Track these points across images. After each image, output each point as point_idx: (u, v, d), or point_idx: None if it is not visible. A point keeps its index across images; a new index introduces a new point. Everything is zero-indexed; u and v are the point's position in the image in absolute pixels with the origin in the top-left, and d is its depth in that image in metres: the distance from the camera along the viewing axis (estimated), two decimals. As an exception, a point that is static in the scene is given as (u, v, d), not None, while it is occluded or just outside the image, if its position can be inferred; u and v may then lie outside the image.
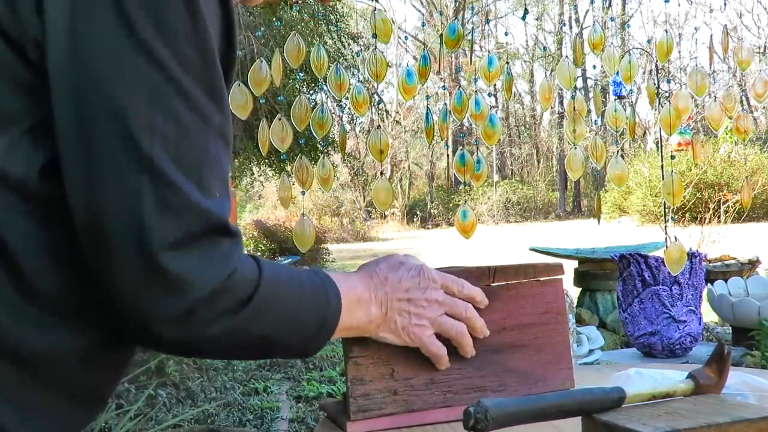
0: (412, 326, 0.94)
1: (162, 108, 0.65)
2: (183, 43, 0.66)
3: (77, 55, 0.64)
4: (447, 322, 0.96)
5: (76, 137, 0.65)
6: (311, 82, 7.46)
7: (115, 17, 0.63)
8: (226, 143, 0.71)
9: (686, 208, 11.09)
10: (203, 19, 0.67)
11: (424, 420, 1.00)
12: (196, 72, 0.67)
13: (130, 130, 0.64)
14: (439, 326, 0.96)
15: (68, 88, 0.65)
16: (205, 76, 0.68)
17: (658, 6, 34.50)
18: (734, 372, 1.03)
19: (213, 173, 0.69)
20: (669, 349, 3.72)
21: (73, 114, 0.65)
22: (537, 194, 31.80)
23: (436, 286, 0.95)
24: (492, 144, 2.85)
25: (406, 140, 31.87)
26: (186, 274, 0.67)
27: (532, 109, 36.71)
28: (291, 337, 0.81)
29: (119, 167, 0.64)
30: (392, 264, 0.95)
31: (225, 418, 3.84)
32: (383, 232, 26.00)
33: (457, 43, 2.67)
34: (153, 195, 0.64)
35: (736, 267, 5.96)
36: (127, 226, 0.65)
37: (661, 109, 2.60)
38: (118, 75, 0.64)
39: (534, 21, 34.21)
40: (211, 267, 0.69)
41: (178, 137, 0.66)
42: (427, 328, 0.95)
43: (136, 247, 0.65)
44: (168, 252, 0.65)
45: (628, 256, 3.77)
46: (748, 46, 2.77)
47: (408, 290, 0.93)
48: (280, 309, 0.78)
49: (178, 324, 0.69)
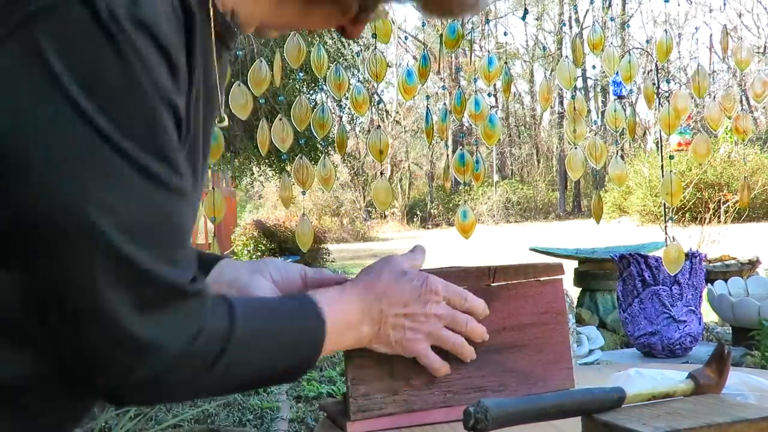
0: (406, 340, 0.93)
1: (107, 179, 0.62)
2: (123, 110, 0.62)
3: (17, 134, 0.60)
4: (444, 335, 0.95)
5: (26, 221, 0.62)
6: (311, 82, 7.46)
7: (51, 91, 0.60)
8: (186, 201, 0.69)
9: (686, 208, 11.09)
10: (143, 80, 0.62)
11: (424, 420, 1.00)
12: (140, 137, 0.63)
13: (75, 206, 0.61)
14: (436, 339, 0.95)
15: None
16: (150, 138, 0.64)
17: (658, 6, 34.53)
18: (734, 372, 1.03)
19: (172, 238, 0.68)
20: (669, 349, 3.72)
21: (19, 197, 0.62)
22: (537, 194, 31.81)
23: (438, 299, 0.94)
24: (492, 144, 2.85)
25: (406, 140, 31.88)
26: (149, 340, 0.66)
27: (532, 109, 36.72)
28: (270, 379, 0.84)
29: (71, 245, 0.62)
30: (395, 274, 0.94)
31: (225, 418, 3.84)
32: (383, 232, 26.01)
33: (457, 43, 2.68)
34: (107, 269, 0.63)
35: (736, 267, 5.96)
36: (84, 303, 0.63)
37: (661, 109, 2.60)
38: (55, 150, 0.60)
39: (534, 21, 34.21)
40: (177, 329, 0.68)
41: (128, 207, 0.63)
42: (421, 341, 0.94)
43: (96, 321, 0.64)
44: (129, 318, 0.64)
45: (628, 256, 3.77)
46: (748, 46, 2.77)
47: (407, 305, 0.92)
48: (257, 357, 0.79)
49: (144, 389, 0.69)
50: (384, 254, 0.86)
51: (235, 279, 0.99)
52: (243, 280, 0.99)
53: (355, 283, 0.94)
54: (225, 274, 0.99)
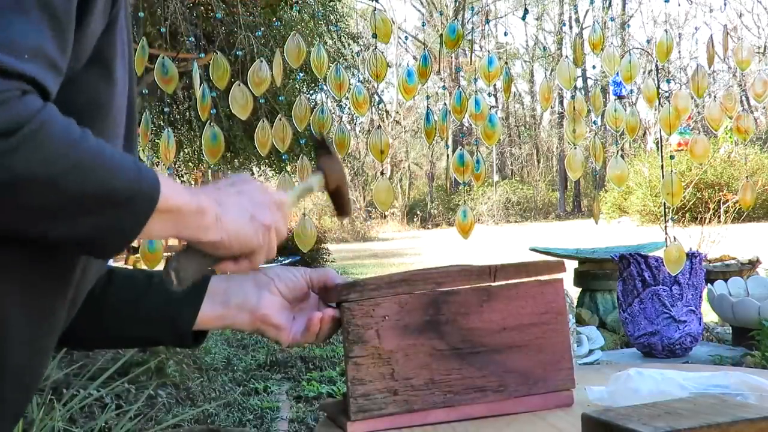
0: (249, 224, 0.86)
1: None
2: None
3: None
4: (281, 229, 0.90)
5: None
6: (311, 82, 7.45)
7: None
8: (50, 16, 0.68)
9: (686, 208, 11.09)
10: None
11: (425, 420, 1.00)
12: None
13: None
14: (277, 232, 0.90)
15: None
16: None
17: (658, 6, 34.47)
18: (734, 372, 1.03)
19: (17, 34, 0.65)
20: (669, 349, 3.72)
21: None
22: (537, 194, 31.80)
23: (281, 210, 0.91)
24: (492, 144, 2.86)
25: (406, 140, 31.87)
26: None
27: (532, 109, 36.71)
28: (85, 191, 0.69)
29: None
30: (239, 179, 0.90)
31: (225, 418, 3.84)
32: (383, 232, 25.99)
33: (457, 43, 2.68)
34: None
35: (736, 267, 5.96)
36: None
37: (661, 109, 2.60)
38: None
39: (534, 21, 34.21)
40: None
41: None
42: (262, 235, 0.87)
43: None
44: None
45: (628, 256, 3.77)
46: (748, 46, 2.77)
47: (242, 192, 0.87)
48: (74, 154, 0.68)
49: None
50: (384, 254, 0.85)
51: (244, 301, 0.99)
52: (252, 302, 0.98)
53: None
54: (231, 297, 0.98)
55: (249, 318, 0.99)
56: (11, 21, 0.66)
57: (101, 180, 0.70)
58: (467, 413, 1.01)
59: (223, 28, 4.33)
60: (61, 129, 0.67)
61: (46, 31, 0.68)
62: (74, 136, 0.69)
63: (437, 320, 1.00)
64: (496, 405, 1.02)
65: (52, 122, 0.67)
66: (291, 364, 5.06)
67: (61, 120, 0.68)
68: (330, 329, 1.02)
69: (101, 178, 0.70)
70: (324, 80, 2.64)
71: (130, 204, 0.72)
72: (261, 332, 1.02)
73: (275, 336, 1.01)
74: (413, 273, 1.02)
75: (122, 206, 0.71)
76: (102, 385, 2.97)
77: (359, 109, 2.70)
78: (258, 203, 0.87)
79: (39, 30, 0.67)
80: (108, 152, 0.71)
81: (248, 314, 0.99)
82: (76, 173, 0.68)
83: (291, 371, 4.94)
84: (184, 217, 0.79)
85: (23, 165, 0.64)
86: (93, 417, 3.01)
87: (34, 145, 0.65)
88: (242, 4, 4.91)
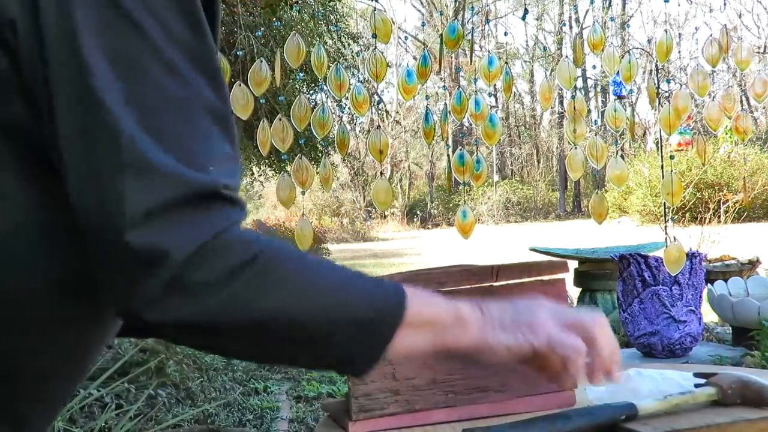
0: (525, 330, 0.75)
1: (140, 76, 0.60)
2: (169, 14, 0.62)
3: (61, 25, 0.60)
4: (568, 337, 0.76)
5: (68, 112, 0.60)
6: (311, 82, 7.45)
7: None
8: (219, 121, 0.64)
9: (686, 208, 11.08)
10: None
11: (426, 420, 1.00)
12: (181, 42, 0.62)
13: (99, 99, 0.59)
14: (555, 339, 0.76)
15: (47, 59, 0.60)
16: (192, 44, 0.63)
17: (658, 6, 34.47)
18: (732, 372, 1.03)
19: (200, 146, 0.62)
20: (669, 349, 3.72)
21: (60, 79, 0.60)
22: (537, 194, 31.78)
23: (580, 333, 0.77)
24: (492, 144, 2.86)
25: (406, 140, 31.86)
26: (159, 244, 0.58)
27: (532, 109, 36.69)
28: (322, 321, 0.64)
29: (91, 138, 0.60)
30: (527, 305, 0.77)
31: (225, 418, 3.84)
32: (383, 232, 25.97)
33: (457, 43, 2.68)
34: (125, 165, 0.58)
35: (736, 267, 5.96)
36: (95, 194, 0.59)
37: (661, 109, 2.60)
38: (97, 41, 0.60)
39: (534, 21, 34.20)
40: (190, 230, 0.59)
41: (157, 107, 0.61)
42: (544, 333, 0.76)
43: (106, 219, 0.59)
44: (136, 228, 0.58)
45: (628, 256, 3.77)
46: (748, 46, 2.78)
47: (519, 313, 0.75)
48: (300, 281, 0.64)
49: (165, 300, 0.59)
50: (384, 254, 0.84)
51: None
52: None
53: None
54: None
55: None
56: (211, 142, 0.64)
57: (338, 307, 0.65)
58: (469, 413, 1.01)
59: (223, 28, 4.33)
60: (288, 257, 0.65)
61: (225, 139, 0.65)
62: (305, 261, 0.66)
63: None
64: (498, 405, 1.02)
65: (271, 252, 0.63)
66: (291, 364, 5.06)
67: (280, 246, 0.65)
68: None
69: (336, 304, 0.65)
70: (324, 80, 2.64)
71: (372, 325, 0.66)
72: None
73: None
74: (415, 273, 1.03)
75: (365, 327, 0.66)
76: (102, 385, 2.97)
77: (359, 109, 2.70)
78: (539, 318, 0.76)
79: (222, 139, 0.64)
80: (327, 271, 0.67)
81: None
82: (310, 303, 0.64)
83: (291, 371, 4.93)
84: (435, 326, 0.71)
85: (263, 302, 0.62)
86: (93, 417, 3.01)
87: (267, 279, 0.62)
88: (242, 4, 4.91)
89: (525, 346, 0.74)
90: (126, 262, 0.59)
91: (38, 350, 0.68)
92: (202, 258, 0.59)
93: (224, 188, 0.62)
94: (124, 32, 0.60)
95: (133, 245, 0.58)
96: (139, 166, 0.58)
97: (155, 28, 0.61)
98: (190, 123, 0.62)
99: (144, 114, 0.60)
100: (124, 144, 0.58)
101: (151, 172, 0.59)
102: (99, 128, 0.59)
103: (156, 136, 0.59)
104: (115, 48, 0.60)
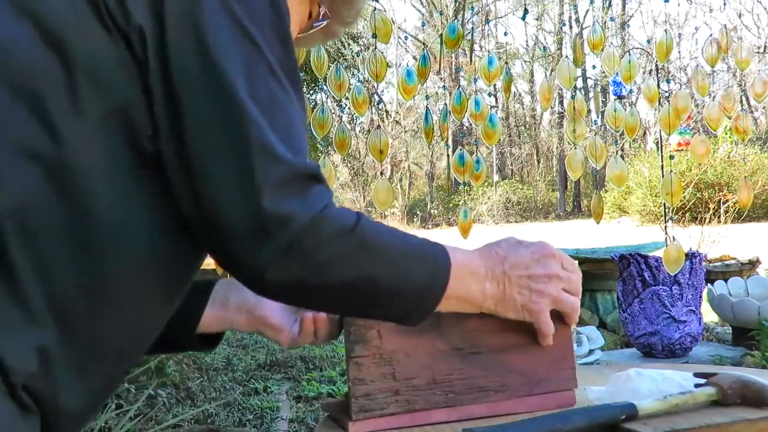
0: (533, 303, 0.95)
1: (259, 82, 0.74)
2: (270, 33, 0.76)
3: (194, 40, 0.73)
4: (564, 297, 0.97)
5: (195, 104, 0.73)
6: (311, 82, 7.45)
7: (225, 15, 0.74)
8: (302, 121, 0.79)
9: (686, 208, 11.08)
10: (284, 14, 0.78)
11: (426, 420, 1.00)
12: (279, 56, 0.77)
13: (236, 96, 0.72)
14: (556, 302, 0.97)
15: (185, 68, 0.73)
16: (285, 59, 0.78)
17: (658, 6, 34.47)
18: (733, 371, 1.03)
19: (297, 138, 0.76)
20: (669, 349, 3.72)
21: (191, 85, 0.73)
22: (537, 194, 31.78)
23: (557, 261, 0.96)
24: (492, 144, 2.86)
25: (406, 140, 31.86)
26: (285, 209, 0.72)
27: (532, 109, 36.69)
28: (398, 284, 0.81)
29: (228, 128, 0.72)
30: (511, 243, 0.97)
31: (225, 418, 3.84)
32: (383, 232, 25.93)
33: (457, 43, 2.68)
34: (257, 147, 0.72)
35: (736, 267, 5.96)
36: (232, 172, 0.72)
37: (661, 109, 2.60)
38: (230, 56, 0.73)
39: (534, 21, 34.19)
40: (306, 201, 0.74)
41: (272, 106, 0.74)
42: (546, 305, 0.96)
43: (242, 191, 0.71)
44: (268, 195, 0.71)
45: (628, 256, 3.77)
46: (748, 46, 2.78)
47: (528, 266, 0.94)
48: (385, 249, 0.80)
49: (284, 260, 0.73)
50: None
51: (243, 300, 0.99)
52: (252, 301, 0.99)
53: (476, 249, 0.96)
54: (230, 297, 0.99)
55: (247, 319, 1.00)
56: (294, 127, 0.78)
57: (405, 273, 0.83)
58: (469, 413, 1.01)
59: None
60: (376, 229, 0.81)
61: (305, 135, 0.80)
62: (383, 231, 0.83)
63: (439, 320, 1.00)
64: (498, 405, 1.02)
65: (364, 224, 0.79)
66: (291, 364, 5.06)
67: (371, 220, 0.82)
68: (331, 330, 1.03)
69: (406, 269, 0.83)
70: (324, 80, 2.64)
71: (423, 296, 0.84)
72: (260, 333, 1.03)
73: (274, 337, 1.02)
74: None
75: (416, 298, 0.84)
76: (102, 385, 2.97)
77: (359, 109, 2.70)
78: (539, 278, 0.95)
79: (305, 135, 0.80)
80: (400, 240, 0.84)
81: (246, 315, 0.99)
82: (390, 269, 0.81)
83: (291, 371, 4.94)
84: (466, 302, 0.91)
85: (360, 266, 0.78)
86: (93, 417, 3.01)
87: (363, 247, 0.78)
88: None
89: (532, 311, 0.95)
90: (257, 226, 0.72)
91: (124, 320, 0.77)
92: (315, 227, 0.74)
93: (319, 172, 0.76)
94: (248, 48, 0.75)
95: (267, 209, 0.71)
96: (265, 150, 0.72)
97: (265, 45, 0.76)
98: (291, 121, 0.76)
99: (263, 109, 0.73)
100: (254, 131, 0.72)
101: (274, 155, 0.73)
102: (233, 116, 0.72)
103: (272, 128, 0.73)
104: (241, 59, 0.74)
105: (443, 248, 0.87)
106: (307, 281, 0.75)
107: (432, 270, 0.84)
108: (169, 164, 0.74)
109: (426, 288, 0.84)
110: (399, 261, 0.81)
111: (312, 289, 0.77)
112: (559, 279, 0.96)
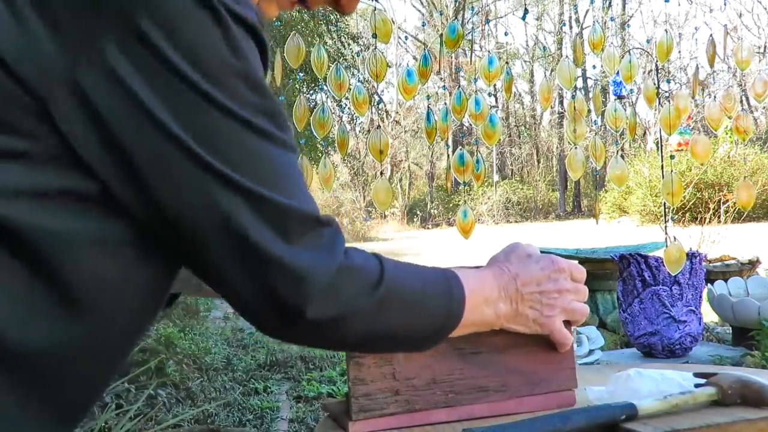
0: (544, 317, 0.98)
1: (230, 143, 0.69)
2: (238, 87, 0.70)
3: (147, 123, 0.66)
4: (576, 307, 1.00)
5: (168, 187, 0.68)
6: (311, 82, 7.46)
7: (179, 83, 0.67)
8: (294, 153, 0.76)
9: (686, 208, 11.09)
10: (249, 64, 0.71)
11: (426, 420, 1.00)
12: (253, 105, 0.71)
13: (211, 166, 0.68)
14: (567, 312, 1.00)
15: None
16: (261, 105, 0.72)
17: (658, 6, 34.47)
18: (733, 371, 1.03)
19: (289, 181, 0.73)
20: (669, 349, 3.72)
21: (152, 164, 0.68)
22: (537, 194, 31.77)
23: (566, 275, 0.99)
24: (492, 144, 2.86)
25: (406, 140, 31.87)
26: (302, 266, 0.70)
27: (532, 109, 36.69)
28: (415, 332, 0.84)
29: (209, 196, 0.68)
30: (521, 258, 0.99)
31: (225, 418, 3.84)
32: (383, 232, 25.97)
33: (457, 43, 2.68)
34: (247, 208, 0.69)
35: (736, 267, 5.96)
36: (233, 243, 0.69)
37: (661, 109, 2.60)
38: (181, 123, 0.67)
39: (534, 21, 34.20)
40: (321, 256, 0.72)
41: (252, 160, 0.70)
42: (557, 317, 0.99)
43: (247, 257, 0.69)
44: (282, 248, 0.69)
45: (628, 256, 3.77)
46: (748, 46, 2.78)
47: (540, 283, 0.97)
48: (405, 302, 0.81)
49: (308, 324, 0.72)
50: (384, 254, 0.85)
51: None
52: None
53: (488, 267, 0.98)
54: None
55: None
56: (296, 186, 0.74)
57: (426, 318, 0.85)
58: (469, 413, 1.01)
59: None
60: (397, 277, 0.81)
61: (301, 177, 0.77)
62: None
63: (438, 320, 1.00)
64: (498, 405, 1.02)
65: (388, 273, 0.79)
66: (291, 364, 5.06)
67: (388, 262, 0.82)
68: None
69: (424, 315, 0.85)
70: (324, 80, 2.64)
71: (435, 335, 0.87)
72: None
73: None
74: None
75: (429, 337, 0.87)
76: (102, 385, 2.97)
77: (359, 109, 2.70)
78: (550, 293, 0.98)
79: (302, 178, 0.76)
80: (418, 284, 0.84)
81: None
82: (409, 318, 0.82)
83: (291, 371, 4.94)
84: (479, 326, 0.94)
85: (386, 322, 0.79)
86: (93, 417, 3.01)
87: (389, 300, 0.78)
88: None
89: (544, 324, 0.98)
90: (275, 303, 0.71)
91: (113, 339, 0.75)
92: (335, 285, 0.73)
93: (320, 216, 0.74)
94: (210, 112, 0.68)
95: (287, 262, 0.70)
96: (257, 204, 0.69)
97: (233, 102, 0.69)
98: (278, 165, 0.72)
99: (244, 168, 0.69)
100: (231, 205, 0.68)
101: (269, 207, 0.70)
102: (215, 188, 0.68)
103: (258, 181, 0.70)
104: (198, 125, 0.68)
105: (457, 279, 0.88)
106: (327, 337, 0.77)
107: (447, 307, 0.86)
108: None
109: (441, 326, 0.86)
110: (417, 309, 0.83)
111: (330, 344, 0.82)
112: (568, 292, 0.99)
